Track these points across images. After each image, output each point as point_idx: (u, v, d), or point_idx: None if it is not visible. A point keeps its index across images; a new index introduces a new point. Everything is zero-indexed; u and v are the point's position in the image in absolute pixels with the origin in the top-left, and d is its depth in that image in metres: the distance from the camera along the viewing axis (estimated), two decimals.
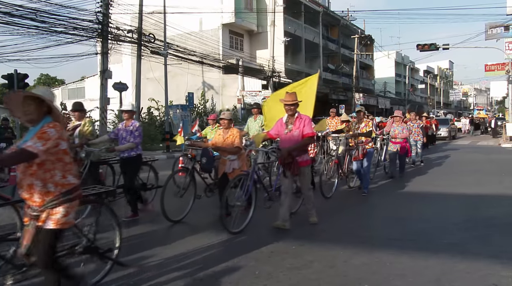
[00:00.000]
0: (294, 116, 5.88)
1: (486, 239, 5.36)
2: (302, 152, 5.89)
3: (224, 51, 28.33)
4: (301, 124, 5.81)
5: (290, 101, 5.83)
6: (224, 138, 6.44)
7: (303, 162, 5.89)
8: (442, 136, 27.44)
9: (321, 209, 7.29)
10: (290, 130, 5.85)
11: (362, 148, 8.41)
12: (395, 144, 10.84)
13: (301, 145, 5.80)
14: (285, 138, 5.94)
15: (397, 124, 11.05)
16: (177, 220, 6.30)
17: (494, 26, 28.10)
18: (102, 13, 16.89)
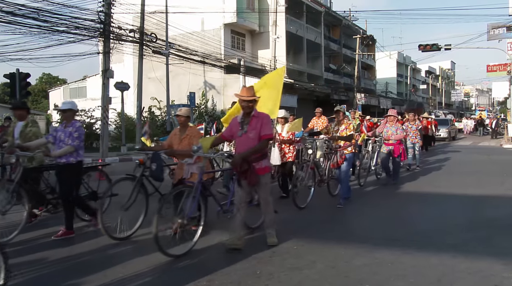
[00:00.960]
0: (250, 115, 5.02)
1: (488, 240, 5.36)
2: (260, 157, 4.98)
3: (226, 51, 28.32)
4: (258, 125, 4.93)
5: (246, 96, 4.97)
6: (180, 139, 5.80)
7: (261, 169, 4.97)
8: (442, 137, 27.01)
9: (321, 209, 7.30)
10: (245, 132, 4.97)
11: (340, 153, 7.57)
12: (387, 146, 9.90)
13: (258, 149, 4.90)
14: (239, 141, 5.07)
15: (391, 124, 10.03)
16: (122, 238, 5.43)
17: (496, 27, 28.06)
18: (104, 13, 16.91)
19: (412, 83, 60.37)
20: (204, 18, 28.43)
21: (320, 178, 7.78)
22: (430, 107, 64.24)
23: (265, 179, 5.08)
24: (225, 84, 29.09)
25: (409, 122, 13.37)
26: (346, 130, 7.55)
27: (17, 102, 6.36)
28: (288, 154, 8.04)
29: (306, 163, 7.61)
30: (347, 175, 7.76)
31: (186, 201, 4.83)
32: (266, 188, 5.13)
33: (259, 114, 5.06)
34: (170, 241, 4.72)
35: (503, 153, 19.09)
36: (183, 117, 5.83)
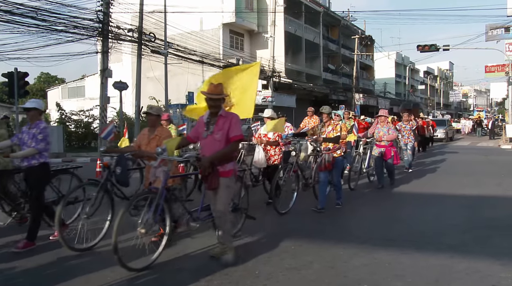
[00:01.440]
0: (217, 114, 4.55)
1: (486, 240, 5.37)
2: (225, 160, 4.53)
3: (224, 51, 28.33)
4: (226, 125, 4.46)
5: (213, 94, 4.49)
6: (149, 139, 5.34)
7: (224, 172, 4.50)
8: (439, 138, 26.71)
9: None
10: (211, 133, 4.51)
11: (328, 156, 7.07)
12: (379, 147, 9.46)
13: (228, 152, 4.49)
14: (204, 143, 4.62)
15: (382, 125, 9.54)
16: (83, 248, 4.93)
17: (495, 28, 28.13)
18: (103, 12, 16.90)
19: (410, 84, 60.43)
20: (202, 18, 28.44)
21: (305, 181, 7.33)
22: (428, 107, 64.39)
23: (228, 182, 4.53)
24: None
25: (403, 122, 12.95)
26: (333, 131, 7.10)
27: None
28: (274, 156, 7.64)
29: (289, 165, 7.15)
30: (339, 179, 7.38)
31: (148, 209, 4.38)
32: (227, 193, 4.55)
33: (227, 114, 4.60)
34: (131, 252, 4.33)
35: (501, 153, 19.14)
36: (153, 116, 5.37)
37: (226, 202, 4.58)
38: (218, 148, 4.45)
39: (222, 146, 4.46)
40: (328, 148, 7.11)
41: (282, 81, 29.76)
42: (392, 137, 9.44)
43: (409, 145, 12.46)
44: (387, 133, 9.38)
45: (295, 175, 7.14)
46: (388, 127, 9.48)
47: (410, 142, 12.50)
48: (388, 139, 9.36)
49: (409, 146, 12.45)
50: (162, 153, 4.56)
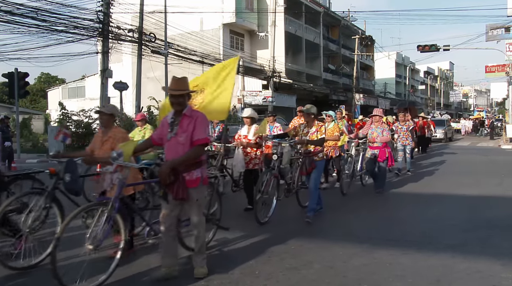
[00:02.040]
0: (181, 113, 4.04)
1: (486, 240, 5.36)
2: (192, 166, 4.00)
3: (224, 51, 28.32)
4: (191, 126, 3.95)
5: (176, 90, 3.98)
6: (102, 142, 4.78)
7: (192, 181, 3.98)
8: (438, 138, 26.12)
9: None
10: (175, 135, 3.99)
11: (310, 159, 6.56)
12: (372, 149, 8.86)
13: (190, 157, 3.94)
14: (168, 146, 4.07)
15: (376, 125, 8.90)
16: (25, 267, 4.27)
17: (495, 28, 28.11)
18: (103, 12, 16.90)
19: (410, 84, 60.42)
20: (203, 18, 28.43)
21: (288, 187, 6.82)
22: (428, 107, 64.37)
23: (197, 193, 4.05)
24: None
25: (399, 122, 12.33)
26: (317, 133, 6.49)
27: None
28: (254, 160, 7.04)
29: (270, 170, 6.50)
30: (316, 184, 6.64)
31: (97, 222, 3.87)
32: (198, 205, 4.10)
33: (192, 113, 4.05)
34: (76, 272, 3.71)
35: (501, 153, 19.13)
36: (105, 115, 4.76)
37: (198, 214, 4.13)
38: (182, 152, 3.91)
39: (186, 150, 3.93)
40: (309, 150, 6.57)
41: (282, 82, 29.76)
42: (386, 139, 8.79)
43: (408, 148, 11.96)
44: (381, 134, 8.75)
45: (276, 181, 6.51)
46: (382, 128, 8.85)
47: (409, 144, 12.00)
48: (382, 141, 8.72)
49: (407, 148, 11.95)
50: (118, 157, 3.98)
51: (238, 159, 6.83)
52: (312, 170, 6.52)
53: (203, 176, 4.10)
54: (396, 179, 10.83)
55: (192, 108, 4.16)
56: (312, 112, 6.59)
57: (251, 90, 28.97)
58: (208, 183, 4.59)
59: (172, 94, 3.99)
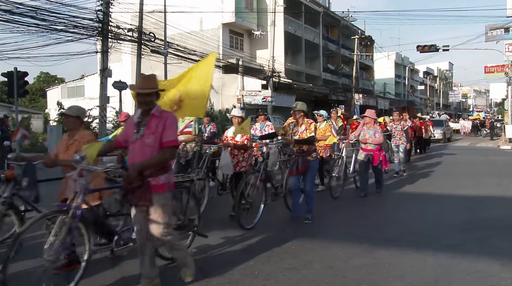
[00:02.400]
0: (149, 113, 3.74)
1: (485, 240, 5.37)
2: (158, 171, 3.69)
3: (224, 51, 28.33)
4: (159, 127, 3.65)
5: (143, 88, 3.69)
6: (67, 145, 4.40)
7: (157, 186, 3.67)
8: (436, 139, 25.78)
9: (320, 209, 7.30)
10: (141, 136, 3.69)
11: (302, 160, 6.21)
12: (365, 151, 8.59)
13: (158, 161, 3.63)
14: (133, 148, 3.75)
15: (368, 126, 8.63)
16: None
17: (494, 28, 28.14)
18: (103, 12, 16.88)
19: (410, 84, 60.48)
20: (202, 17, 28.45)
21: (275, 190, 6.49)
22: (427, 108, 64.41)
23: (162, 199, 3.69)
24: (223, 84, 29.09)
25: (394, 122, 12.02)
26: (306, 131, 6.19)
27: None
28: (242, 163, 6.65)
29: (253, 172, 6.16)
30: (312, 185, 6.45)
31: (57, 232, 3.54)
32: (162, 212, 3.70)
33: (162, 113, 3.74)
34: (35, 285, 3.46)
35: (500, 153, 19.15)
36: (71, 118, 4.42)
37: (164, 223, 3.71)
38: (149, 155, 3.62)
39: (154, 153, 3.63)
40: (302, 150, 6.25)
41: (281, 81, 29.76)
42: (378, 141, 8.48)
43: (401, 147, 11.57)
44: (373, 136, 8.47)
45: (262, 185, 6.16)
46: (374, 130, 8.54)
47: (402, 144, 11.60)
48: (374, 143, 8.44)
49: (401, 147, 11.56)
50: (81, 161, 3.68)
51: (225, 161, 6.41)
52: (304, 170, 6.22)
53: (169, 181, 3.77)
54: (395, 179, 10.84)
55: (161, 108, 3.82)
56: (301, 110, 6.26)
57: (250, 90, 28.97)
58: (184, 187, 4.49)
59: (139, 92, 3.69)
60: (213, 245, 5.17)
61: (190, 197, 4.70)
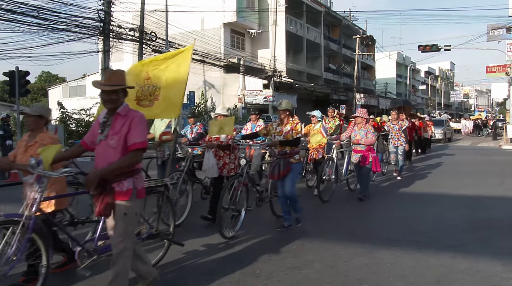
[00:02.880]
0: (115, 113, 3.40)
1: (487, 240, 5.36)
2: (122, 175, 3.32)
3: (225, 50, 28.33)
4: (125, 128, 3.32)
5: (107, 85, 3.34)
6: (26, 147, 4.03)
7: (121, 193, 3.31)
8: (437, 139, 25.50)
9: (320, 209, 7.30)
10: (105, 137, 3.35)
11: (284, 162, 5.71)
12: (356, 153, 8.18)
13: (124, 164, 3.28)
14: (97, 150, 3.42)
15: (359, 127, 8.23)
16: None
17: (496, 28, 28.09)
18: (104, 11, 16.91)
19: (411, 84, 60.45)
20: (204, 17, 28.46)
21: (259, 195, 6.13)
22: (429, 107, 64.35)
23: (126, 206, 3.32)
24: (224, 84, 29.11)
25: (391, 122, 11.36)
26: (292, 132, 5.73)
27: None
28: (230, 165, 6.27)
29: (237, 177, 5.69)
30: (293, 189, 5.85)
31: (7, 243, 3.23)
32: (127, 222, 3.34)
33: (129, 112, 3.39)
34: None
35: (502, 153, 19.11)
36: (31, 117, 4.04)
37: (126, 232, 3.35)
38: (113, 158, 3.29)
39: (119, 156, 3.29)
40: (284, 152, 5.73)
41: (283, 81, 29.78)
42: (370, 141, 8.08)
43: (400, 149, 10.91)
44: (364, 137, 8.08)
45: (245, 189, 5.73)
46: (366, 130, 8.14)
47: (401, 145, 10.90)
48: (366, 143, 8.03)
49: (399, 149, 10.91)
50: (36, 166, 3.36)
51: (209, 163, 5.97)
52: (286, 173, 5.71)
53: (136, 187, 3.38)
54: (395, 180, 10.82)
55: (128, 107, 3.45)
56: (287, 108, 5.79)
57: (251, 89, 28.98)
58: (157, 192, 4.23)
59: (103, 89, 3.33)
60: (214, 244, 5.17)
61: (164, 203, 4.35)
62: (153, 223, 4.27)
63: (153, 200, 4.37)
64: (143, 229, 4.20)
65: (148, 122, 4.14)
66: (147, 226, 4.22)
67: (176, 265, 4.52)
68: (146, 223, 4.21)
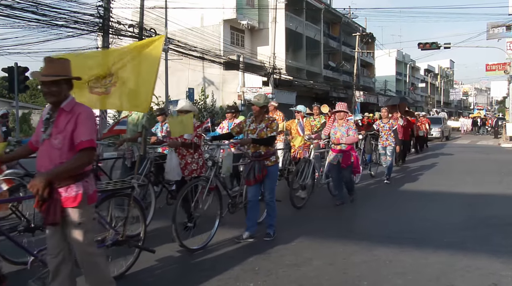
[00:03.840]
0: (58, 108, 3.02)
1: (486, 238, 5.37)
2: (70, 179, 2.95)
3: (225, 47, 28.28)
4: (70, 125, 2.95)
5: (48, 75, 2.95)
6: None
7: (70, 199, 2.95)
8: (434, 137, 25.29)
9: (320, 207, 7.30)
10: (49, 136, 2.98)
11: (259, 165, 5.15)
12: (335, 152, 7.34)
13: (72, 167, 2.91)
14: (41, 151, 3.05)
15: (340, 123, 7.37)
16: None
17: (496, 26, 28.09)
18: (104, 7, 16.85)
19: (411, 82, 60.40)
20: (203, 14, 28.39)
21: (232, 200, 5.56)
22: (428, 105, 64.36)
23: (79, 215, 2.98)
24: (224, 81, 29.07)
25: (382, 120, 10.38)
26: (266, 130, 5.17)
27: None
28: (191, 165, 5.63)
29: (199, 180, 5.19)
30: (273, 194, 5.37)
31: None
32: (84, 231, 3.01)
33: (74, 108, 3.00)
34: None
35: (501, 152, 19.12)
36: None
37: (85, 244, 3.03)
38: (58, 160, 2.93)
39: (65, 157, 2.93)
40: (259, 153, 5.19)
41: (282, 78, 29.73)
42: (353, 139, 7.32)
43: (389, 149, 9.84)
44: (345, 134, 7.26)
45: (213, 194, 5.29)
46: (347, 126, 7.34)
47: (390, 145, 9.84)
48: (348, 142, 7.25)
49: (388, 150, 9.86)
50: None
51: (171, 165, 5.39)
52: (262, 177, 5.18)
53: (87, 191, 3.03)
54: (395, 177, 10.82)
55: (75, 101, 3.06)
56: (262, 103, 5.21)
57: (251, 86, 28.91)
58: (123, 195, 4.00)
59: (42, 81, 2.96)
60: (213, 241, 5.17)
61: (131, 207, 4.01)
62: (119, 229, 3.95)
63: (120, 204, 4.16)
64: (108, 235, 3.85)
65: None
66: (113, 232, 3.88)
67: (175, 262, 4.52)
68: (111, 228, 3.90)
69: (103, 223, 3.84)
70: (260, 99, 5.22)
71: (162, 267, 4.35)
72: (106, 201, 3.94)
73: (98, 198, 3.40)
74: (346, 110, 7.47)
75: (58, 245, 3.04)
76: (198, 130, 5.70)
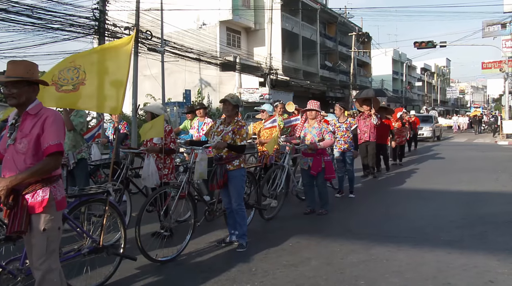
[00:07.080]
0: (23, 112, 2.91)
1: (483, 236, 5.38)
2: (36, 184, 2.84)
3: (221, 49, 28.30)
4: (36, 129, 2.85)
5: (8, 77, 2.83)
6: None
7: (36, 204, 2.81)
8: (425, 137, 23.80)
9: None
10: (14, 141, 2.87)
11: (220, 170, 4.84)
12: (306, 157, 6.57)
13: (37, 172, 2.79)
14: (6, 157, 2.92)
15: (311, 124, 6.59)
16: None
17: (491, 24, 28.20)
18: (99, 10, 16.84)
19: (407, 81, 60.50)
20: (199, 15, 28.42)
21: (208, 208, 5.29)
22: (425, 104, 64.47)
23: (44, 222, 2.82)
24: (220, 82, 29.08)
25: (338, 118, 8.49)
26: (234, 135, 4.78)
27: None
28: (163, 171, 5.43)
29: (168, 187, 4.96)
30: (240, 201, 4.98)
31: None
32: (47, 240, 2.84)
33: (41, 111, 2.90)
34: None
35: (497, 149, 19.18)
36: None
37: (48, 252, 2.85)
38: (23, 166, 2.81)
39: (30, 162, 2.82)
40: (220, 156, 4.85)
41: (279, 79, 29.76)
42: (329, 143, 6.52)
43: (348, 156, 8.19)
44: (316, 137, 6.43)
45: (185, 201, 4.99)
46: (320, 128, 6.51)
47: (349, 150, 8.20)
48: (325, 146, 6.47)
49: (347, 157, 8.19)
50: None
51: (149, 171, 5.15)
52: (224, 182, 4.86)
53: (56, 197, 2.89)
54: (392, 174, 10.85)
55: (41, 105, 2.96)
56: (235, 102, 4.87)
57: (248, 87, 28.96)
58: (97, 201, 3.85)
59: (3, 82, 2.83)
60: (211, 242, 5.18)
61: (107, 213, 3.86)
62: (96, 236, 3.80)
63: (96, 210, 4.03)
64: (84, 243, 3.70)
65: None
66: (89, 240, 3.72)
67: (173, 263, 4.52)
68: (87, 236, 3.74)
69: (78, 231, 3.71)
70: (234, 97, 4.93)
71: (160, 269, 4.35)
72: (80, 207, 3.82)
73: (70, 204, 3.33)
74: (318, 109, 6.65)
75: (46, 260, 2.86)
76: (171, 135, 5.50)
